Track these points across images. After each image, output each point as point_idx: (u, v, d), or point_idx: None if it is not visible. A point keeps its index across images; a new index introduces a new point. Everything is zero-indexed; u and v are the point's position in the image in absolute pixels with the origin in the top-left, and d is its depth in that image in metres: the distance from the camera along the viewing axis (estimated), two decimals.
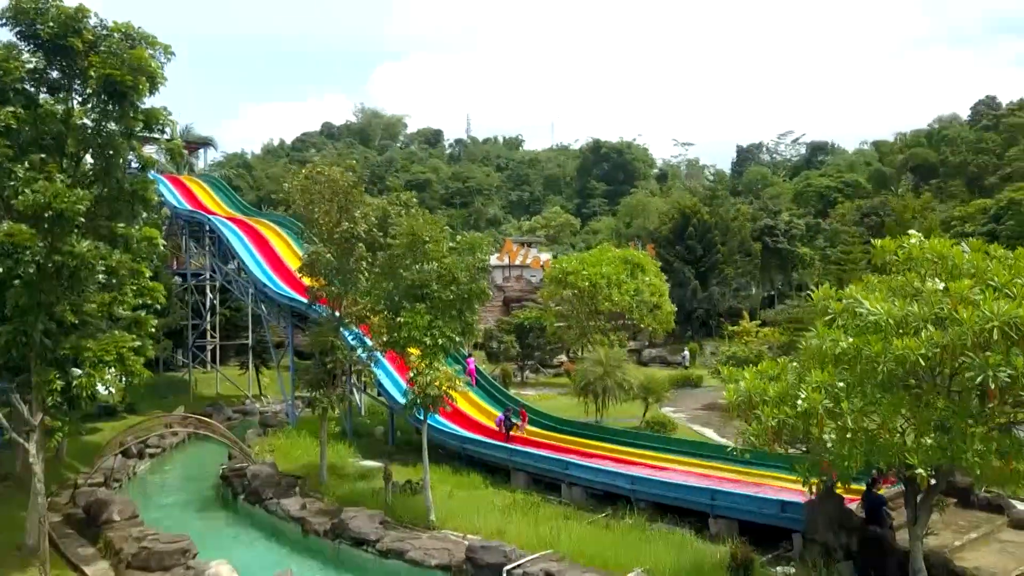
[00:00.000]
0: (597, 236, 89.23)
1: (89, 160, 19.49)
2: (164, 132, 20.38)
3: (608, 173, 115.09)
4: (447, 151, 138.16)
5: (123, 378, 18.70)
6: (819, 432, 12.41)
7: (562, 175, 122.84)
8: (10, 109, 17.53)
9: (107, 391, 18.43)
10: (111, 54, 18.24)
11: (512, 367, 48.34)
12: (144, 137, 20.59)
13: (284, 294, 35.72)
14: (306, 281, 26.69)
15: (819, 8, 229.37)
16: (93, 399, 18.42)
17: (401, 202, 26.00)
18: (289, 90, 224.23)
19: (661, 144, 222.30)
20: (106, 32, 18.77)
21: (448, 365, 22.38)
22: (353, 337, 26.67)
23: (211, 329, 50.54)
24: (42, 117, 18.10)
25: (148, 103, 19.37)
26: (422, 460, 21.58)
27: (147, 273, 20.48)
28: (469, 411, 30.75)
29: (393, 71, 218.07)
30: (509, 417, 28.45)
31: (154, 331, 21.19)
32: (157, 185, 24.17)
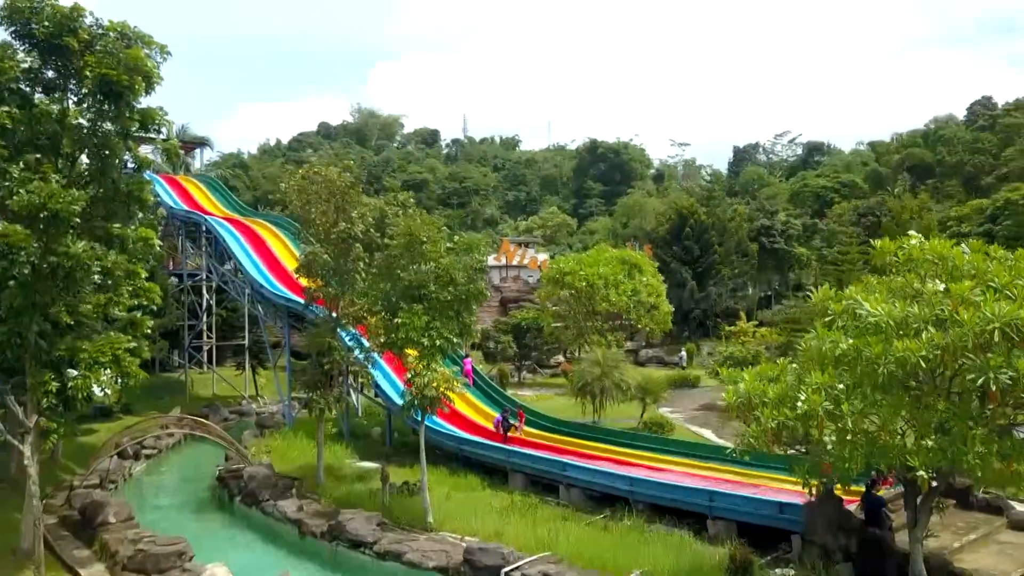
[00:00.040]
0: (594, 236, 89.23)
1: (85, 160, 19.38)
2: (160, 132, 20.28)
3: (605, 173, 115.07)
4: (444, 151, 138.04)
5: (119, 379, 18.56)
6: (819, 434, 12.37)
7: (559, 175, 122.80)
8: (5, 109, 17.41)
9: (103, 392, 18.28)
10: (107, 54, 18.13)
11: (509, 367, 48.31)
12: (140, 137, 20.46)
13: (281, 295, 35.62)
14: (303, 282, 26.59)
15: (815, 9, 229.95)
16: (88, 401, 18.31)
17: (398, 202, 25.92)
18: (286, 90, 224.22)
19: (658, 144, 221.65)
20: (102, 31, 18.65)
21: (445, 366, 22.31)
22: (350, 338, 26.58)
23: (207, 330, 50.43)
24: (37, 117, 17.98)
25: (144, 103, 19.27)
26: (420, 461, 21.50)
27: (143, 274, 20.36)
28: (466, 412, 30.68)
29: (390, 71, 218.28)
30: (507, 418, 28.38)
31: (150, 332, 21.10)
32: (153, 185, 24.11)
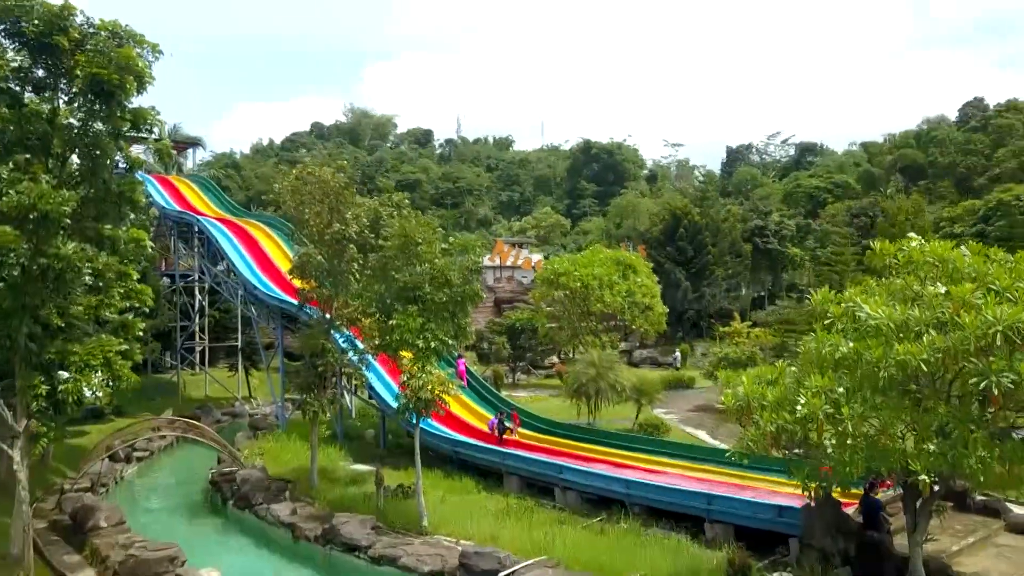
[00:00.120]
0: (587, 237, 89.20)
1: (75, 160, 19.15)
2: (152, 132, 20.07)
3: (598, 174, 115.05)
4: (437, 151, 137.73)
5: (110, 383, 18.34)
6: (819, 437, 12.27)
7: (552, 176, 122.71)
8: None
9: (93, 395, 18.07)
10: (98, 53, 17.91)
11: (504, 368, 48.17)
12: (132, 137, 20.26)
13: (274, 296, 35.39)
14: (296, 283, 26.40)
15: (808, 10, 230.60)
16: (79, 404, 18.05)
17: (393, 203, 25.74)
18: (278, 90, 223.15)
19: (651, 145, 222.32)
20: (93, 30, 18.43)
21: (440, 368, 22.16)
22: (344, 340, 26.40)
23: (200, 331, 50.14)
24: (27, 117, 17.75)
25: (136, 102, 19.06)
26: (414, 464, 21.34)
27: (134, 275, 20.16)
28: (461, 414, 30.52)
29: (383, 71, 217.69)
30: (502, 420, 28.23)
31: (142, 334, 20.89)
32: (145, 186, 23.85)
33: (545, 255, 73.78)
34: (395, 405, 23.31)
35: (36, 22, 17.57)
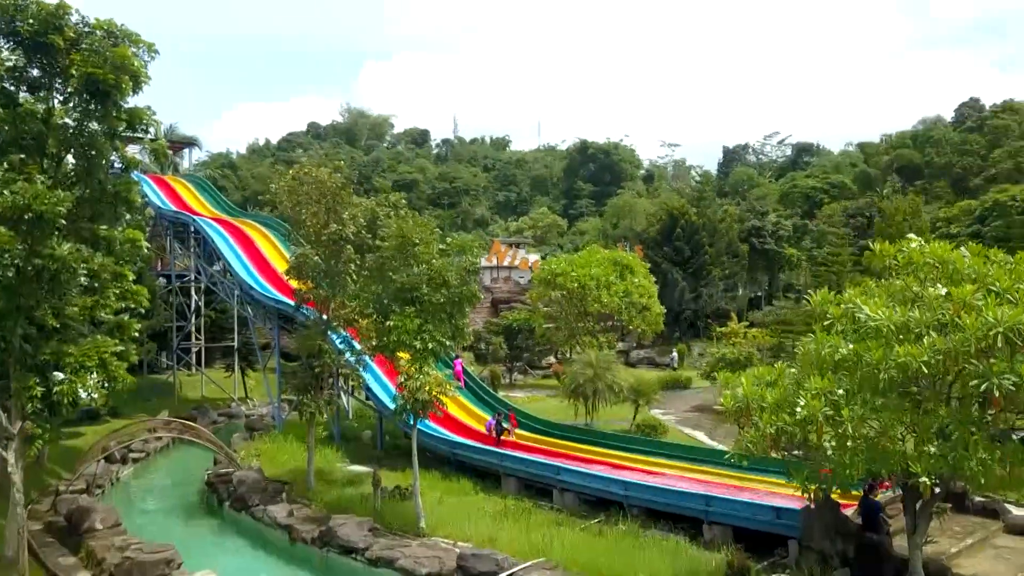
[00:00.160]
0: (584, 237, 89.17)
1: (71, 160, 19.08)
2: (148, 132, 19.98)
3: (595, 174, 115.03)
4: (434, 151, 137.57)
5: (105, 384, 18.23)
6: (818, 439, 12.22)
7: (549, 176, 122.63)
8: None
9: (89, 396, 17.96)
10: (93, 52, 17.82)
11: (501, 369, 48.09)
12: (127, 137, 20.18)
13: (270, 296, 35.29)
14: (293, 283, 26.30)
15: (805, 10, 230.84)
16: (74, 406, 17.97)
17: (390, 203, 25.66)
18: (275, 90, 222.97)
19: (648, 145, 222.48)
20: (88, 30, 18.34)
21: (438, 369, 22.08)
22: (341, 341, 26.32)
23: (196, 331, 49.99)
24: (22, 116, 17.66)
25: (131, 102, 19.01)
26: (411, 465, 21.27)
27: (130, 276, 20.08)
28: (458, 414, 30.44)
29: (379, 71, 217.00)
30: (500, 422, 28.15)
31: (137, 335, 20.79)
32: (140, 186, 23.79)
33: (542, 255, 73.73)
34: (392, 406, 23.25)
35: (31, 21, 17.49)
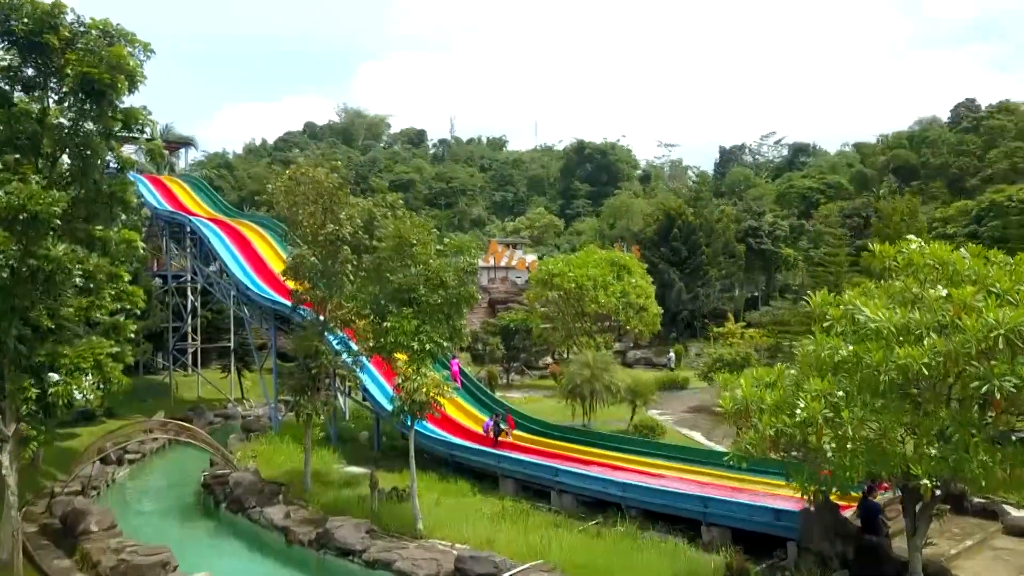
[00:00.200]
0: (581, 237, 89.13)
1: (66, 161, 18.96)
2: (144, 132, 19.89)
3: (592, 174, 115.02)
4: (431, 151, 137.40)
5: (101, 385, 18.12)
6: (818, 441, 12.16)
7: (546, 176, 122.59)
8: None
9: (84, 398, 17.85)
10: (88, 51, 17.72)
11: (498, 369, 48.01)
12: (123, 137, 20.05)
13: (267, 297, 35.17)
14: (290, 284, 26.19)
15: (801, 11, 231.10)
16: (69, 407, 17.90)
17: (387, 204, 25.57)
18: (271, 89, 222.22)
19: (644, 145, 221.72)
20: (83, 29, 18.22)
21: (435, 370, 22.00)
22: (338, 341, 26.21)
23: (192, 332, 49.84)
24: (16, 116, 17.55)
25: (127, 102, 18.92)
26: (409, 466, 21.18)
27: (126, 277, 19.98)
28: (455, 415, 30.35)
29: (376, 71, 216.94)
30: (498, 423, 28.08)
31: (133, 336, 20.69)
32: (136, 186, 23.65)
33: (539, 255, 73.66)
34: (389, 407, 23.15)
35: (26, 20, 17.37)
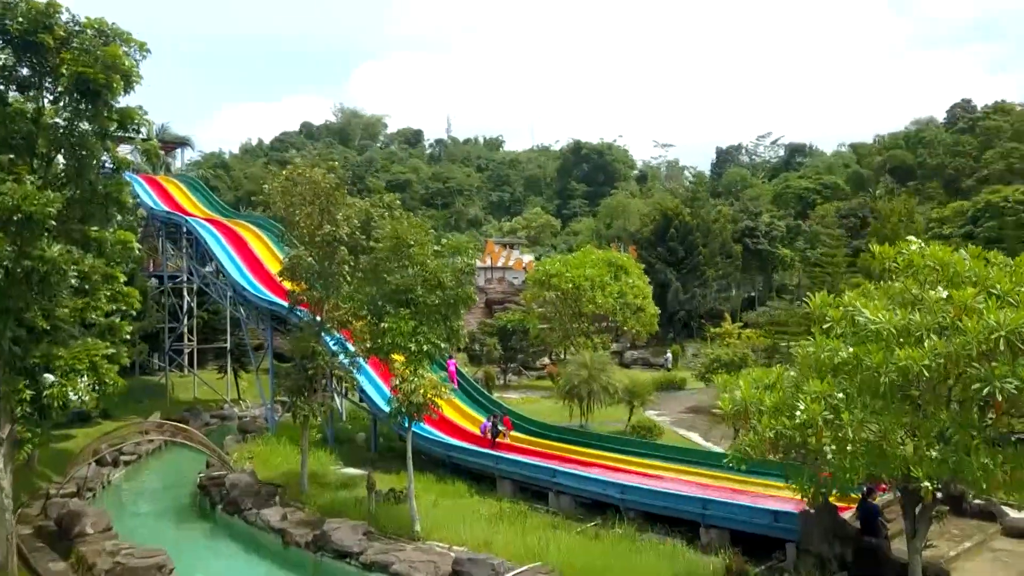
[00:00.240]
0: (577, 237, 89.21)
1: (61, 161, 18.78)
2: (139, 132, 19.69)
3: (588, 174, 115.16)
4: (427, 151, 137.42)
5: (96, 387, 18.00)
6: (818, 443, 12.11)
7: (542, 176, 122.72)
8: None
9: (79, 400, 17.74)
10: (84, 51, 17.55)
11: (495, 370, 47.93)
12: (119, 137, 19.88)
13: (263, 297, 35.06)
14: (287, 285, 26.10)
15: (798, 11, 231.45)
16: (64, 409, 17.77)
17: (384, 204, 25.48)
18: (267, 90, 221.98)
19: (641, 145, 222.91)
20: (78, 28, 18.04)
21: (433, 372, 21.91)
22: (335, 342, 26.11)
23: (188, 332, 49.71)
24: (11, 116, 17.38)
25: (123, 102, 18.71)
26: (406, 468, 21.10)
27: (121, 278, 19.84)
28: (452, 416, 30.27)
29: (373, 71, 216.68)
30: (495, 424, 28.01)
31: (129, 337, 20.56)
32: (132, 186, 23.52)
33: (536, 256, 73.62)
34: (387, 408, 23.07)
35: (20, 19, 17.17)
